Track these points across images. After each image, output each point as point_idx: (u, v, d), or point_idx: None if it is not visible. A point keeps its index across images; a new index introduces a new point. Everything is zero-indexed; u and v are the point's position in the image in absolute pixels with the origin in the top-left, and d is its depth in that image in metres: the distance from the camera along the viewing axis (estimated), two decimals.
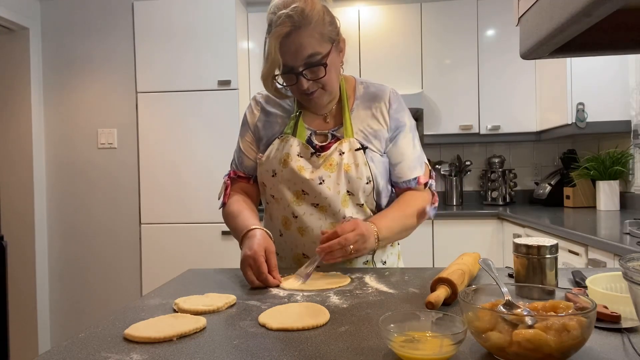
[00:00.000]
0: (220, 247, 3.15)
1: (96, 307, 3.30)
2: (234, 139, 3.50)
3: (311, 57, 1.15)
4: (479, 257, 1.09)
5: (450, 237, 3.05)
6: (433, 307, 0.82)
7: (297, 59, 1.15)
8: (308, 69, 1.17)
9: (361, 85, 1.32)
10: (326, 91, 1.22)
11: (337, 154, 1.23)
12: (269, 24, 1.17)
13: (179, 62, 3.20)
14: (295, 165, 1.23)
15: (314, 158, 1.24)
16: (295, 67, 1.17)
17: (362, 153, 1.23)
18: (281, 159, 1.25)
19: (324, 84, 1.20)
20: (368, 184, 1.23)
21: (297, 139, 1.25)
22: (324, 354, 0.67)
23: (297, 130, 1.27)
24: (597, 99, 2.75)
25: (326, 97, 1.24)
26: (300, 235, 1.26)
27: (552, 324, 0.59)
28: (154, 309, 0.90)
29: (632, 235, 1.86)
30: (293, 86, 1.21)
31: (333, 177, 1.22)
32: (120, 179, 3.30)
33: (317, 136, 1.28)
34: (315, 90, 1.21)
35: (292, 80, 1.20)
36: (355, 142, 1.24)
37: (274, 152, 1.27)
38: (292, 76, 1.19)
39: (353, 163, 1.22)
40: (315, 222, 1.24)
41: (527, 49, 0.71)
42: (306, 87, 1.19)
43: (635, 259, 0.65)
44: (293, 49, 1.14)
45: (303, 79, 1.18)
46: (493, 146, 3.70)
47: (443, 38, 3.37)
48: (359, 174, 1.22)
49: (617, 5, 0.48)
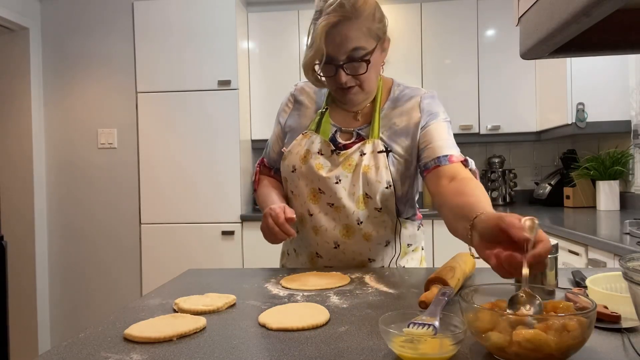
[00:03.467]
0: (220, 247, 3.15)
1: (96, 307, 3.30)
2: (234, 139, 3.52)
3: (355, 51, 1.12)
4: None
5: (450, 237, 3.04)
6: (426, 306, 0.82)
7: (340, 51, 1.12)
8: (349, 63, 1.13)
9: (397, 87, 1.28)
10: (363, 90, 1.19)
11: (358, 155, 1.19)
12: (317, 10, 1.14)
13: (179, 62, 3.20)
14: (314, 163, 1.21)
15: (334, 156, 1.21)
16: (337, 59, 1.13)
17: (384, 156, 1.19)
18: (301, 155, 1.23)
19: (362, 81, 1.16)
20: (387, 188, 1.18)
21: (319, 136, 1.23)
22: (324, 354, 0.67)
23: (320, 126, 1.25)
24: (597, 99, 2.75)
25: (362, 96, 1.21)
26: (314, 234, 1.24)
27: (552, 324, 0.59)
28: (154, 309, 0.90)
29: (632, 235, 1.86)
30: (330, 78, 1.17)
31: (350, 177, 1.19)
32: (120, 179, 3.30)
33: (342, 134, 1.25)
34: (353, 87, 1.17)
35: (331, 71, 1.16)
36: (379, 143, 1.20)
37: (295, 147, 1.25)
38: (332, 68, 1.15)
39: (373, 165, 1.18)
40: (329, 222, 1.22)
41: (527, 49, 0.71)
42: (344, 81, 1.15)
43: (635, 259, 0.65)
44: (338, 40, 1.11)
45: (342, 73, 1.14)
46: (493, 146, 3.69)
47: (443, 38, 3.37)
48: (379, 177, 1.18)
49: (617, 5, 0.48)
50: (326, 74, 1.18)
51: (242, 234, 3.15)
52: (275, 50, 3.42)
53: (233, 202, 3.15)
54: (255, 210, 3.36)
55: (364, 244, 1.23)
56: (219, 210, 3.15)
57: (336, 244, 1.23)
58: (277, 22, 3.41)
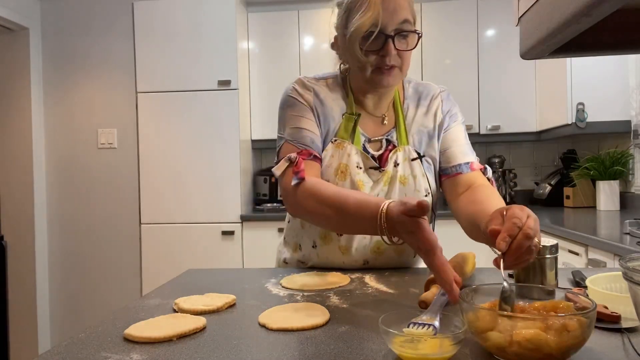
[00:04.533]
0: (220, 247, 3.15)
1: (96, 307, 3.30)
2: (234, 139, 3.51)
3: (405, 23, 1.05)
4: (473, 256, 1.10)
5: (451, 237, 3.04)
6: (426, 306, 0.82)
7: (393, 19, 1.04)
8: (399, 35, 1.06)
9: (409, 84, 1.24)
10: (402, 72, 1.10)
11: (392, 166, 1.13)
12: None
13: (179, 62, 3.20)
14: (356, 179, 1.11)
15: (375, 172, 1.13)
16: (388, 28, 1.04)
17: (419, 163, 1.14)
18: (338, 169, 1.12)
19: (404, 61, 1.09)
20: (427, 196, 1.13)
21: (354, 147, 1.13)
22: (324, 354, 0.67)
23: (354, 135, 1.14)
24: (597, 99, 2.75)
25: (398, 79, 1.12)
26: (340, 254, 1.18)
27: (552, 324, 0.59)
28: (154, 309, 0.90)
29: (632, 235, 1.86)
30: (374, 53, 1.06)
31: (386, 190, 1.13)
32: (120, 179, 3.30)
33: (370, 143, 1.16)
34: (394, 67, 1.08)
35: (379, 43, 1.05)
36: (411, 150, 1.15)
37: (328, 158, 1.13)
38: (381, 39, 1.05)
39: (410, 175, 1.13)
40: (360, 242, 1.16)
41: (527, 49, 0.71)
42: (393, 54, 1.06)
43: (635, 259, 0.65)
44: (392, 8, 1.04)
45: (391, 45, 1.05)
46: (493, 146, 3.69)
47: (443, 38, 3.37)
48: (418, 186, 1.13)
49: (617, 5, 0.48)
50: (372, 47, 1.06)
51: (242, 234, 3.14)
52: (275, 50, 3.42)
53: (233, 202, 3.15)
54: (255, 210, 3.36)
55: (394, 259, 1.20)
56: (219, 210, 3.15)
57: (365, 262, 1.18)
58: (277, 22, 3.41)
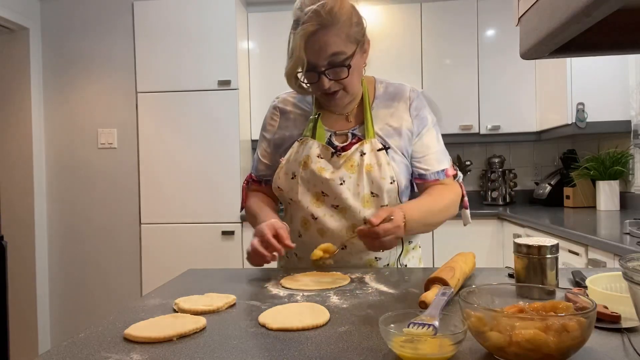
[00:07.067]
0: (220, 247, 3.15)
1: (96, 307, 3.30)
2: (234, 139, 3.51)
3: (335, 56, 1.15)
4: (473, 256, 1.10)
5: (450, 237, 3.04)
6: (426, 306, 0.82)
7: (320, 57, 1.15)
8: (331, 69, 1.16)
9: (381, 84, 1.32)
10: (348, 93, 1.22)
11: (358, 155, 1.22)
12: (295, 20, 1.17)
13: (179, 62, 3.20)
14: (316, 167, 1.23)
15: (335, 158, 1.23)
16: (318, 65, 1.16)
17: (384, 153, 1.22)
18: (301, 162, 1.24)
19: (346, 85, 1.19)
20: (392, 183, 1.22)
21: (316, 141, 1.25)
22: (324, 354, 0.67)
23: (316, 132, 1.26)
24: (597, 99, 2.75)
25: (347, 98, 1.24)
26: (320, 237, 1.25)
27: (552, 324, 0.59)
28: (154, 309, 0.90)
29: (632, 235, 1.86)
30: (314, 84, 1.21)
31: (354, 178, 1.21)
32: (120, 179, 3.30)
33: (337, 137, 1.27)
34: (337, 91, 1.20)
35: (313, 78, 1.19)
36: (377, 142, 1.23)
37: (293, 155, 1.26)
38: (314, 74, 1.18)
39: (376, 163, 1.21)
40: (335, 223, 1.23)
41: (527, 49, 0.71)
42: (327, 87, 1.18)
43: (635, 259, 0.65)
44: (317, 47, 1.14)
45: (325, 78, 1.17)
46: (493, 146, 3.69)
47: (443, 38, 3.36)
48: (383, 174, 1.21)
49: (617, 6, 0.48)
50: (310, 81, 1.21)
51: (242, 234, 3.14)
52: (275, 50, 3.42)
53: (233, 202, 3.14)
54: None
55: None
56: (219, 210, 3.15)
57: (343, 245, 1.23)
58: (277, 22, 3.40)
